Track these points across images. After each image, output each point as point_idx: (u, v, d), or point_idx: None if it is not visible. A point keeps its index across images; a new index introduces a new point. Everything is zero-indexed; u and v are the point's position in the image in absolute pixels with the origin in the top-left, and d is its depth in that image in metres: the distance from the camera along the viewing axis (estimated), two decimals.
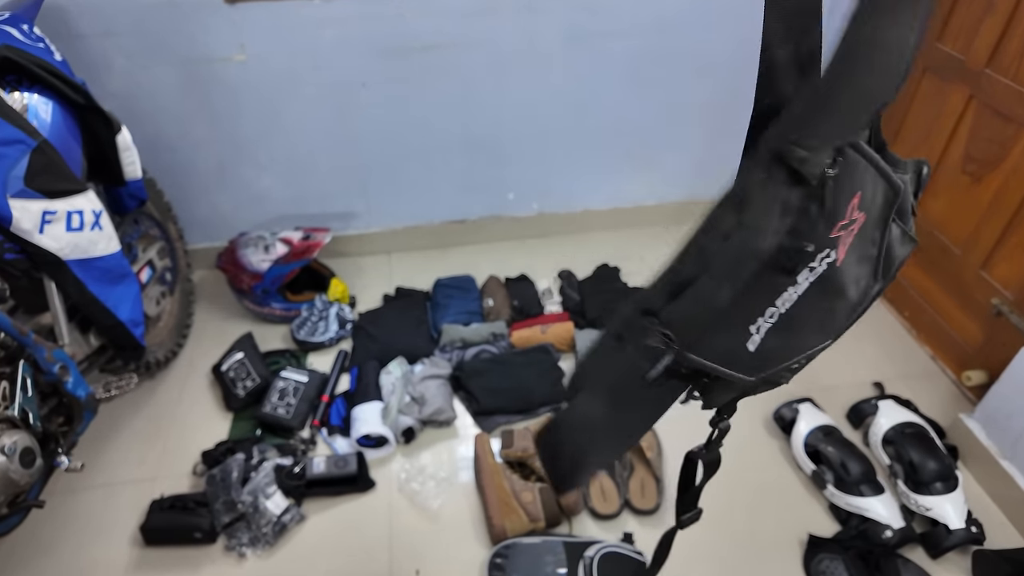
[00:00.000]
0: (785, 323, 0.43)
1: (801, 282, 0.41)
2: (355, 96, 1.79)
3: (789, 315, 0.42)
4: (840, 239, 0.40)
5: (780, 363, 0.45)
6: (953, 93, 1.59)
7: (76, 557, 1.33)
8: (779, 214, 0.38)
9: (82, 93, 1.32)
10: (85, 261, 1.23)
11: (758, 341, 0.43)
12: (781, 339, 0.43)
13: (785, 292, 0.41)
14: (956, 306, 1.66)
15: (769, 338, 0.43)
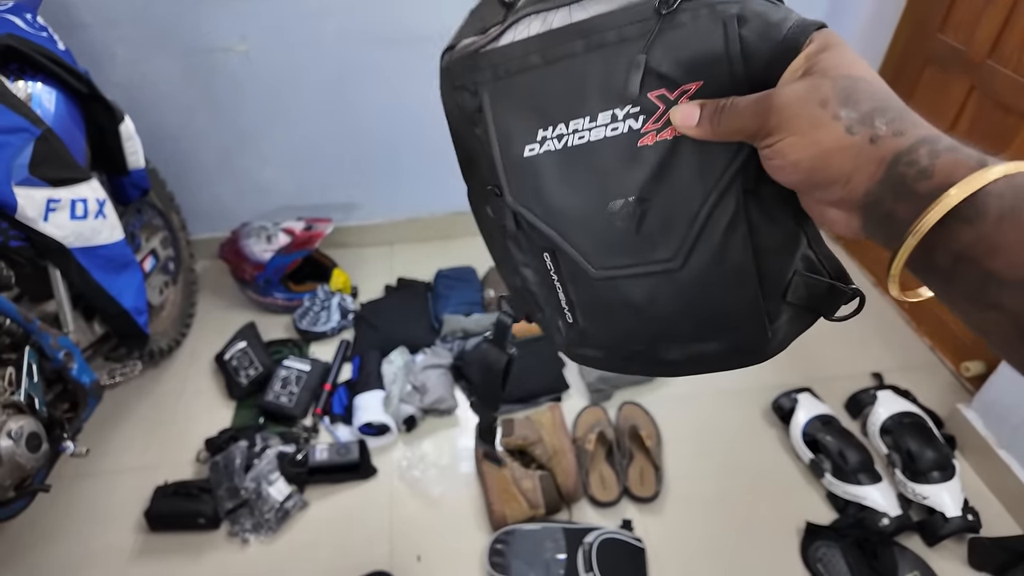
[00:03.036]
0: (562, 158, 0.39)
1: (599, 122, 0.38)
2: (357, 86, 1.79)
3: (568, 152, 0.39)
4: (657, 111, 0.36)
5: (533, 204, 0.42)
6: (954, 85, 1.59)
7: (81, 542, 1.34)
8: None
9: (85, 82, 1.32)
10: (89, 249, 1.24)
11: (535, 151, 0.40)
12: (549, 172, 0.40)
13: (583, 119, 0.38)
14: None
15: (543, 159, 0.40)
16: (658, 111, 0.36)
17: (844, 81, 0.30)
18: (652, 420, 1.55)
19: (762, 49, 0.34)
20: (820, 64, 0.32)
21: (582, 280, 0.42)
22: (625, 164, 0.37)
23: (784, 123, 0.32)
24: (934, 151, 0.28)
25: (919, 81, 1.72)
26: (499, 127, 0.41)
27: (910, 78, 1.74)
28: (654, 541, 1.32)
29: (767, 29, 0.33)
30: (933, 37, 1.64)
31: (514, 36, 0.40)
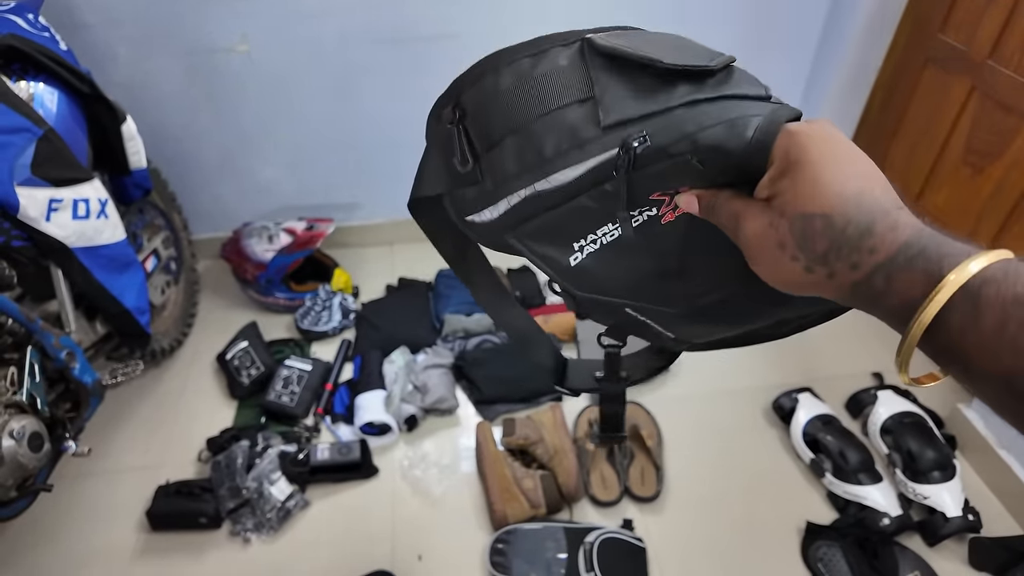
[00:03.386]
0: (604, 254, 0.43)
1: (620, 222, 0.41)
2: (358, 87, 1.79)
3: (607, 248, 0.43)
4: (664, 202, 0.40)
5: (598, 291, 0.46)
6: (955, 84, 1.59)
7: (83, 541, 1.35)
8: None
9: (87, 82, 1.33)
10: (91, 249, 1.25)
11: (579, 259, 0.44)
12: (598, 266, 0.44)
13: (606, 225, 0.42)
14: None
15: (588, 261, 0.44)
16: (665, 201, 0.40)
17: (800, 222, 0.32)
18: (653, 420, 1.55)
19: (729, 169, 0.36)
20: (780, 197, 0.33)
21: (665, 315, 0.46)
22: (657, 238, 0.41)
23: (748, 254, 0.36)
24: (888, 276, 0.30)
25: (920, 81, 1.72)
26: (538, 255, 0.45)
27: (911, 78, 1.74)
28: (655, 540, 1.32)
29: (726, 158, 0.35)
30: (934, 37, 1.64)
31: (509, 203, 0.44)
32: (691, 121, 0.36)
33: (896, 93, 1.81)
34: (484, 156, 0.44)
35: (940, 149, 1.66)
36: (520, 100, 0.42)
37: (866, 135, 1.97)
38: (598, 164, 0.39)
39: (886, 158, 1.89)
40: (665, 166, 0.37)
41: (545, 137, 0.41)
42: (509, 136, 0.42)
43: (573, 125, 0.40)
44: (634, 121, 0.38)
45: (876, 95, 1.90)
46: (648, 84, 0.38)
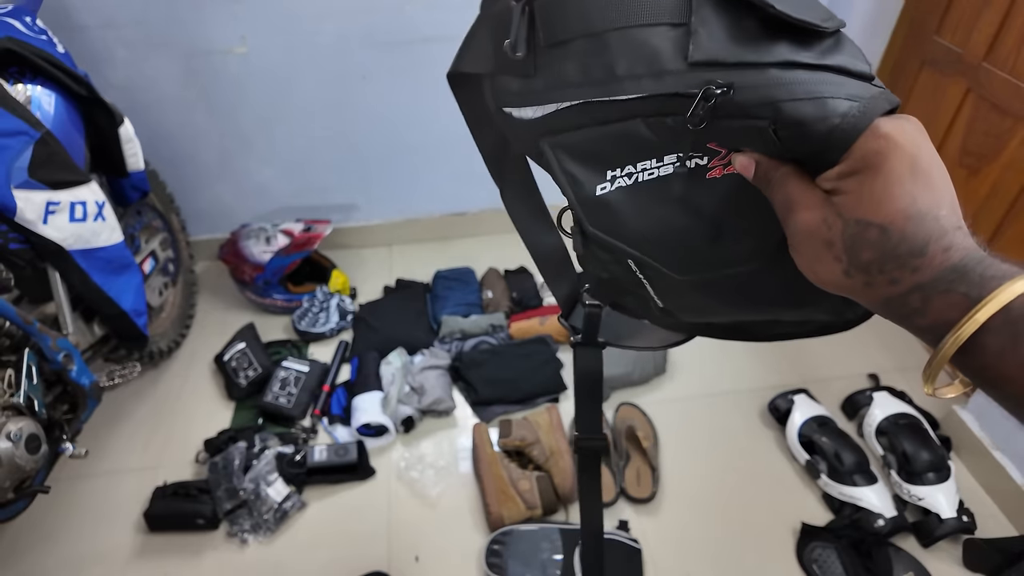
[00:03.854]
0: (635, 192, 0.40)
1: (666, 163, 0.38)
2: (355, 89, 1.80)
3: (641, 187, 0.40)
4: (719, 154, 0.37)
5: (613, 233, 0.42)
6: (950, 87, 1.60)
7: (81, 542, 1.35)
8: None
9: (84, 85, 1.33)
10: (88, 251, 1.25)
11: (607, 189, 0.41)
12: (624, 205, 0.41)
13: (649, 160, 0.39)
14: None
15: (615, 195, 0.41)
16: (720, 154, 0.37)
17: (855, 227, 0.31)
18: (649, 421, 1.55)
19: (802, 149, 0.33)
20: (842, 195, 0.32)
21: (668, 281, 0.44)
22: (697, 191, 0.39)
23: (793, 243, 0.35)
24: (926, 297, 0.30)
25: (916, 83, 1.72)
26: (566, 172, 0.42)
27: (907, 80, 1.75)
28: (651, 542, 1.33)
29: (805, 138, 0.33)
30: (930, 39, 1.65)
31: (558, 106, 0.40)
32: (783, 87, 0.33)
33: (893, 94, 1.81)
34: (544, 51, 0.39)
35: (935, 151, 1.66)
36: (604, 5, 0.36)
37: None
38: (672, 95, 0.35)
39: None
40: (738, 124, 0.34)
41: (621, 53, 0.36)
42: (581, 39, 0.37)
43: (656, 50, 0.35)
44: (724, 66, 0.34)
45: None
46: (750, 30, 0.34)
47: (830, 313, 0.41)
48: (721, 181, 0.38)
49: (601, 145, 0.39)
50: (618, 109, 0.38)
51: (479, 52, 0.44)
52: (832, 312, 0.41)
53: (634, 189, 0.40)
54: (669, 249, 0.41)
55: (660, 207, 0.40)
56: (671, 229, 0.40)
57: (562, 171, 0.41)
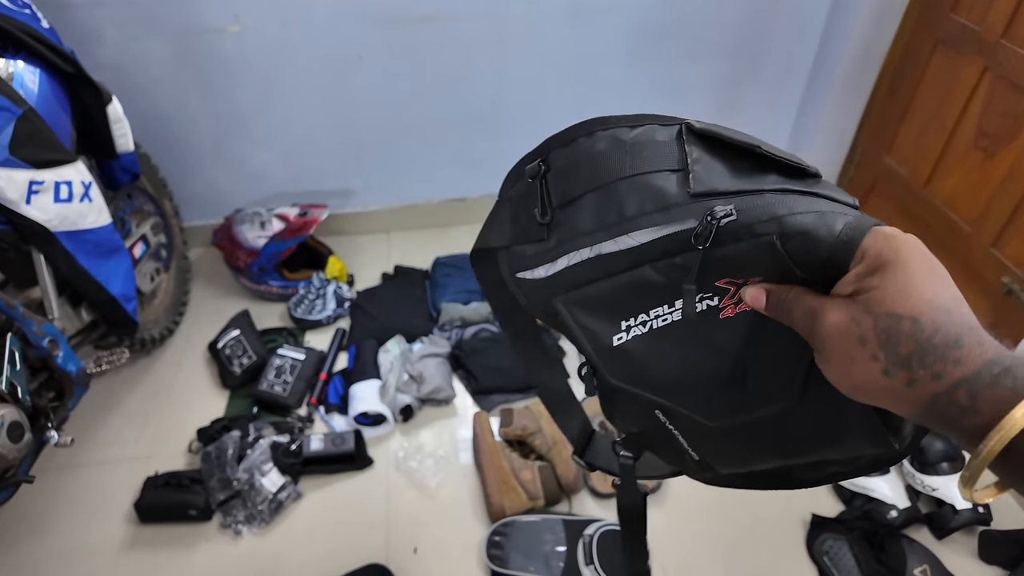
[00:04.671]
0: (652, 339, 0.41)
1: (677, 307, 0.40)
2: (351, 69, 1.75)
3: (657, 333, 0.41)
4: (729, 292, 0.38)
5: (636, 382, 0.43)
6: (966, 66, 1.55)
7: (70, 534, 1.31)
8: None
9: (70, 62, 1.28)
10: (74, 233, 1.21)
11: (624, 339, 0.42)
12: (643, 353, 0.41)
13: (660, 307, 0.40)
14: (965, 285, 1.63)
15: (633, 344, 0.42)
16: (730, 292, 0.38)
17: (886, 321, 0.30)
18: None
19: (811, 262, 0.34)
20: (867, 293, 0.31)
21: (699, 429, 0.43)
22: (713, 333, 0.39)
23: (823, 350, 0.33)
24: (973, 392, 0.29)
25: (930, 63, 1.67)
26: (581, 326, 0.43)
27: (920, 60, 1.70)
28: (656, 533, 1.28)
29: (811, 247, 0.34)
30: (944, 17, 1.60)
31: (568, 261, 0.42)
32: (781, 205, 0.35)
33: (905, 77, 1.77)
34: (558, 212, 0.43)
35: (950, 133, 1.61)
36: (610, 161, 0.40)
37: (873, 121, 1.93)
38: (677, 232, 0.37)
39: (893, 144, 1.85)
40: (745, 246, 0.35)
41: (629, 197, 0.39)
42: (590, 193, 0.41)
43: (661, 189, 0.38)
44: (724, 195, 0.36)
45: (884, 79, 1.86)
46: (742, 167, 0.37)
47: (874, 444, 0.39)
48: (735, 320, 0.38)
49: (613, 296, 0.41)
50: (627, 258, 0.39)
51: (499, 229, 0.47)
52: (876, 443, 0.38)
53: (651, 336, 0.41)
54: (694, 394, 0.42)
55: (679, 351, 0.41)
56: (693, 372, 0.41)
57: (578, 325, 0.43)
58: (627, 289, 0.40)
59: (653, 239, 0.38)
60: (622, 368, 0.43)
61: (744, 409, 0.40)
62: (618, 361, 0.42)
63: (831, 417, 0.38)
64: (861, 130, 1.98)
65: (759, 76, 1.95)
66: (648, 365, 0.42)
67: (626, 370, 0.43)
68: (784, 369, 0.38)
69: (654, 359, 0.41)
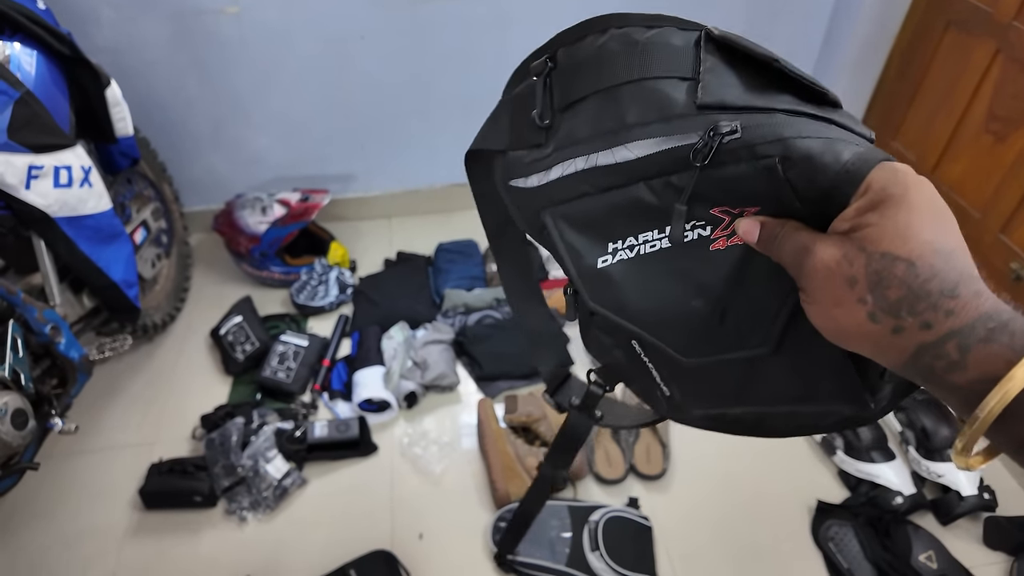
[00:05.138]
0: (637, 266, 0.39)
1: (667, 233, 0.38)
2: (352, 51, 1.72)
3: (643, 260, 0.39)
4: (723, 223, 0.36)
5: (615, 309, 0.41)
6: (978, 48, 1.52)
7: (76, 520, 1.31)
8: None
9: (67, 44, 1.26)
10: (75, 219, 1.19)
11: (608, 262, 0.40)
12: (626, 279, 0.40)
13: (650, 232, 0.38)
14: None
15: (617, 268, 0.40)
16: (724, 222, 0.36)
17: (880, 261, 0.28)
18: None
19: (812, 190, 0.32)
20: (864, 230, 0.29)
21: (674, 365, 0.42)
22: (700, 266, 0.38)
23: (809, 289, 0.31)
24: (964, 345, 0.27)
25: (940, 45, 1.64)
26: (567, 244, 0.41)
27: (931, 42, 1.67)
28: (661, 519, 1.29)
29: (814, 174, 0.32)
30: None
31: (563, 171, 0.40)
32: (790, 127, 0.32)
33: (915, 58, 1.74)
34: (558, 115, 0.40)
35: (960, 116, 1.59)
36: (617, 61, 0.38)
37: (881, 103, 1.90)
38: (677, 147, 0.35)
39: (901, 127, 1.82)
40: (745, 168, 0.33)
41: (632, 103, 0.37)
42: (593, 96, 0.39)
43: (667, 96, 0.36)
44: (732, 109, 0.34)
45: (893, 61, 1.83)
46: (757, 83, 0.35)
47: (849, 403, 0.37)
48: (725, 254, 0.37)
49: (603, 214, 0.39)
50: (621, 172, 0.37)
51: (497, 131, 0.45)
52: (852, 401, 0.37)
53: (636, 262, 0.39)
54: (673, 328, 0.40)
55: (663, 281, 0.39)
56: (674, 306, 0.39)
57: (563, 242, 0.41)
58: (618, 208, 0.38)
59: (650, 153, 0.36)
60: (603, 294, 0.41)
61: (719, 348, 0.39)
62: (600, 285, 0.41)
63: (807, 371, 0.37)
64: (869, 114, 1.95)
65: None
66: (629, 292, 0.40)
67: (607, 295, 0.41)
68: (765, 314, 0.37)
69: (636, 287, 0.40)
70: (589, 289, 0.41)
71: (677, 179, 0.36)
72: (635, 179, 0.37)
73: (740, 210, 0.35)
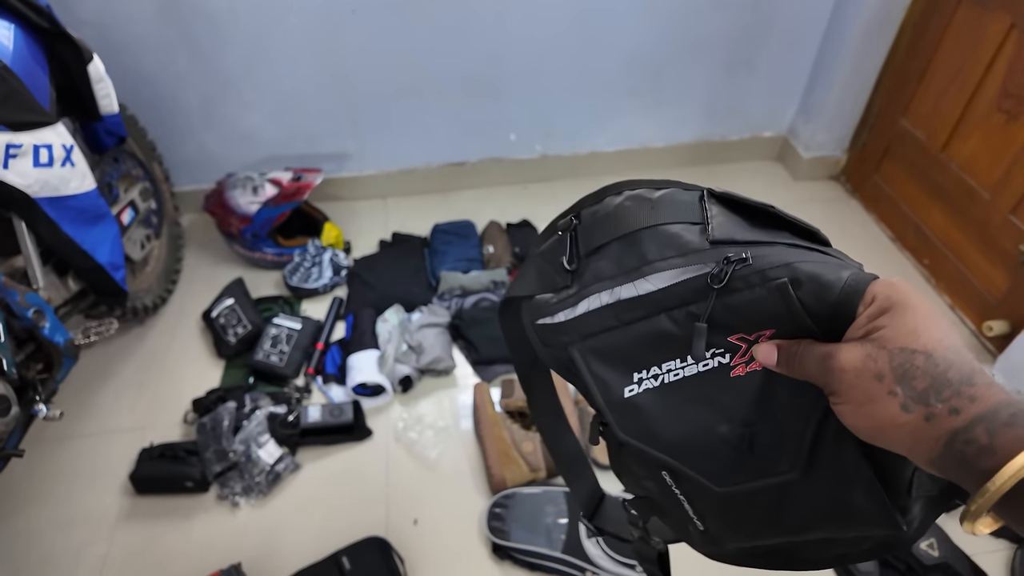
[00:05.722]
0: (662, 394, 0.42)
1: (690, 362, 0.40)
2: (344, 25, 1.67)
3: (667, 388, 0.41)
4: (740, 349, 0.39)
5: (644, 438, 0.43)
6: (992, 22, 1.47)
7: (68, 505, 1.30)
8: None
9: (46, 17, 1.21)
10: (57, 199, 1.16)
11: (635, 391, 0.42)
12: (652, 407, 0.42)
13: (673, 361, 0.41)
14: (980, 253, 1.58)
15: (643, 398, 0.42)
16: (741, 349, 0.39)
17: (900, 355, 0.31)
18: None
19: (821, 309, 0.35)
20: (879, 332, 0.32)
21: (706, 494, 0.43)
22: (722, 392, 0.40)
23: (842, 390, 0.33)
24: (992, 429, 0.29)
25: (953, 19, 1.59)
26: (595, 376, 0.44)
27: (943, 16, 1.61)
28: None
29: (820, 291, 0.35)
30: None
31: (588, 306, 0.43)
32: (793, 254, 0.37)
33: (926, 33, 1.68)
34: (583, 260, 0.44)
35: (972, 94, 1.54)
36: (635, 213, 0.43)
37: (890, 80, 1.85)
38: (694, 276, 0.39)
39: (910, 105, 1.77)
40: (759, 292, 0.37)
41: (651, 243, 0.41)
42: (615, 242, 0.43)
43: (681, 237, 0.40)
44: (741, 244, 0.38)
45: (904, 35, 1.77)
46: (757, 224, 0.40)
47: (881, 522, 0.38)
48: (746, 380, 0.39)
49: (628, 346, 0.42)
50: (644, 304, 0.41)
51: (527, 281, 0.48)
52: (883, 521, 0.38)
53: (661, 391, 0.42)
54: (702, 455, 0.42)
55: (688, 408, 0.41)
56: (701, 432, 0.41)
57: (591, 374, 0.44)
58: (642, 340, 0.41)
59: (670, 284, 0.39)
60: (632, 422, 0.43)
61: (750, 476, 0.40)
62: (628, 415, 0.43)
63: (837, 492, 0.38)
64: (877, 90, 1.90)
65: (773, 31, 1.86)
66: (657, 421, 0.42)
67: (635, 425, 0.43)
68: (790, 437, 0.38)
69: (664, 415, 0.42)
70: (618, 419, 0.43)
71: (696, 308, 0.39)
72: (657, 310, 0.40)
73: (756, 336, 0.38)
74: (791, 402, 0.38)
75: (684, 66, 1.92)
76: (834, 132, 2.02)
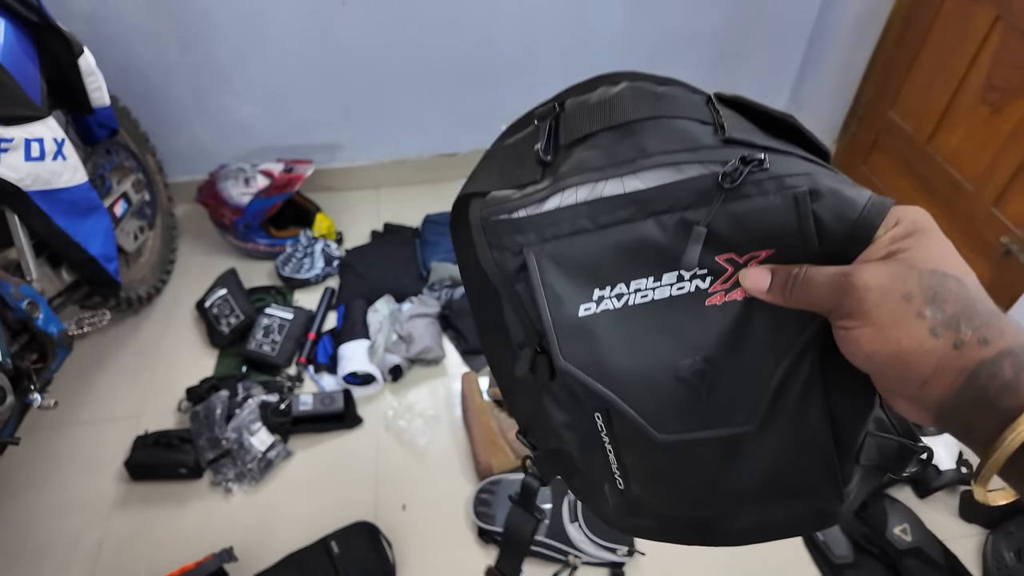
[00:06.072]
0: (622, 318, 0.36)
1: (664, 283, 0.35)
2: (335, 15, 1.67)
3: (630, 311, 0.36)
4: (725, 273, 0.34)
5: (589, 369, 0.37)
6: (978, 14, 1.47)
7: (64, 491, 1.33)
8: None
9: (35, 10, 1.22)
10: (49, 192, 1.17)
11: (591, 311, 0.36)
12: (608, 332, 0.36)
13: (645, 279, 0.36)
14: (963, 245, 1.60)
15: (600, 320, 0.36)
16: (726, 272, 0.35)
17: (932, 277, 0.29)
18: None
19: (838, 227, 0.32)
20: (907, 252, 0.30)
21: (642, 445, 0.38)
22: (692, 322, 0.35)
23: (862, 311, 0.29)
24: (1018, 364, 0.27)
25: (940, 11, 1.59)
26: (548, 288, 0.37)
27: (931, 7, 1.62)
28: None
29: (842, 207, 0.32)
30: None
31: (560, 201, 0.36)
32: (811, 167, 0.33)
33: (914, 24, 1.69)
34: (563, 151, 0.38)
35: (957, 86, 1.55)
36: (635, 103, 0.36)
37: (879, 71, 1.85)
38: (698, 176, 0.34)
39: (898, 97, 1.78)
40: (772, 199, 0.32)
41: (654, 135, 0.35)
42: (607, 131, 0.36)
43: (690, 131, 0.35)
44: (756, 147, 0.34)
45: (892, 27, 1.78)
46: (772, 132, 0.36)
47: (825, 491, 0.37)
48: (721, 311, 0.35)
49: (596, 255, 0.36)
50: (630, 204, 0.35)
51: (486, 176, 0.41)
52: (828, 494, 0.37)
53: (622, 314, 0.36)
54: (653, 395, 0.36)
55: (648, 338, 0.36)
56: (657, 367, 0.36)
57: (544, 285, 0.37)
58: (616, 249, 0.35)
59: (666, 183, 0.34)
60: (579, 348, 0.37)
61: (701, 424, 0.36)
62: (577, 338, 0.36)
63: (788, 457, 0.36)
64: (866, 81, 1.91)
65: (762, 22, 1.87)
66: (610, 348, 0.36)
67: (583, 351, 0.37)
68: (754, 383, 0.35)
69: (619, 342, 0.36)
70: (564, 344, 0.37)
71: (692, 214, 0.34)
72: (644, 214, 0.35)
73: (747, 259, 0.34)
74: (763, 345, 0.35)
75: (675, 56, 1.92)
76: (823, 123, 2.03)
